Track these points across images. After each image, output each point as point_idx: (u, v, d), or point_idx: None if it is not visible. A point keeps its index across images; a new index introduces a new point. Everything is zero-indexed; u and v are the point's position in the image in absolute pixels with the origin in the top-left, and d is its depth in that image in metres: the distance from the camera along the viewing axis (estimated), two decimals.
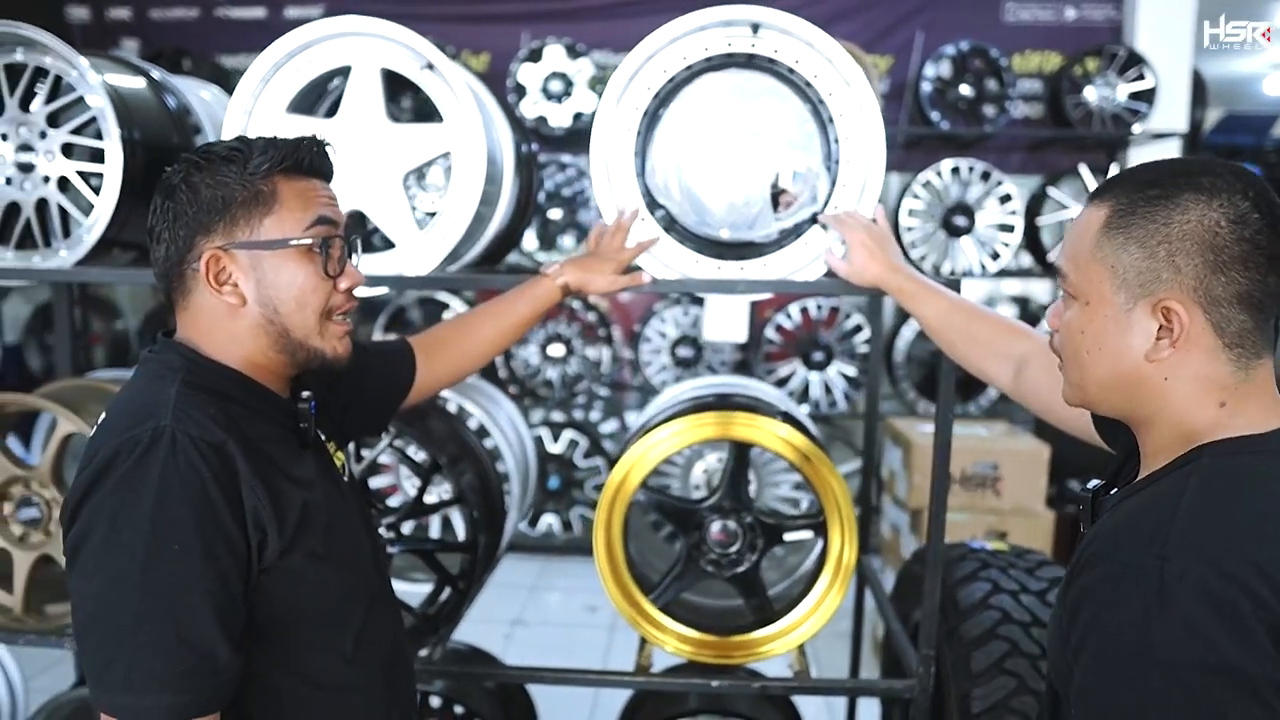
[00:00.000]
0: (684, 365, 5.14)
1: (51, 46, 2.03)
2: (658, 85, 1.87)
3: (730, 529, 1.99)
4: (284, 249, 1.24)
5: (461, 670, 2.10)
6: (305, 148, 1.27)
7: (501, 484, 2.16)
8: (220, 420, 1.18)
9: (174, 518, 1.09)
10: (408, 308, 5.10)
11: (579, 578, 5.11)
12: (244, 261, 1.23)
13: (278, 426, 1.28)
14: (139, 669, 1.07)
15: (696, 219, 1.87)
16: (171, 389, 1.18)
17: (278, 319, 1.26)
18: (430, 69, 1.90)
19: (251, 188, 1.23)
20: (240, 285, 1.24)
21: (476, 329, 1.80)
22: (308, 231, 1.26)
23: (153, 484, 1.09)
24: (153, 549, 1.08)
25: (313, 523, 1.23)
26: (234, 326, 1.26)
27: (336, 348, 1.32)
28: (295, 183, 1.27)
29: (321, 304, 1.28)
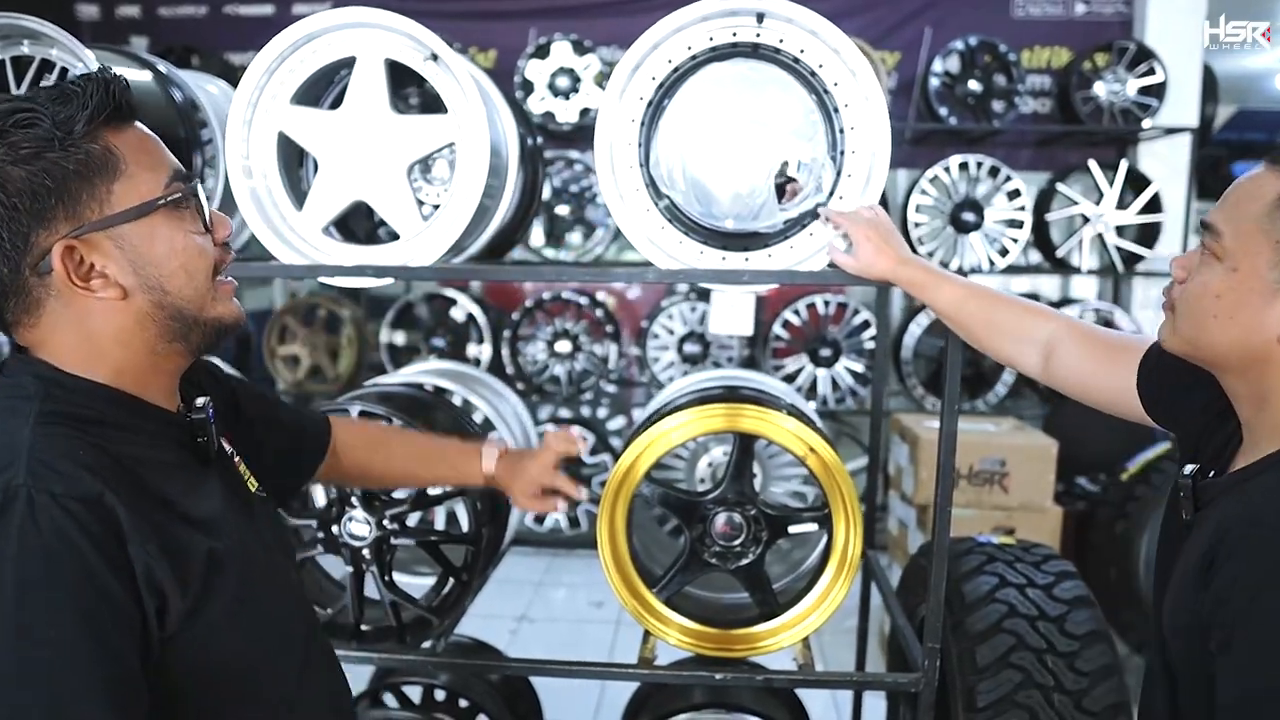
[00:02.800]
0: (691, 362, 5.13)
1: (57, 39, 2.03)
2: (662, 75, 1.86)
3: (734, 521, 1.98)
4: (153, 213, 1.03)
5: (464, 662, 2.09)
6: (116, 88, 1.02)
7: None
8: (92, 463, 0.95)
9: (44, 602, 0.87)
10: (415, 304, 5.10)
11: (585, 573, 5.11)
12: (105, 244, 1.01)
13: (170, 448, 1.07)
14: None
15: (701, 209, 1.86)
16: (25, 429, 0.95)
17: (168, 299, 1.05)
18: (434, 60, 1.90)
19: (80, 153, 0.99)
20: (112, 274, 1.02)
21: (398, 456, 1.70)
22: (168, 188, 1.05)
23: (9, 563, 0.86)
24: (22, 646, 0.85)
25: (223, 570, 1.02)
26: (110, 328, 1.03)
27: (232, 309, 1.13)
28: (125, 134, 1.04)
29: (210, 264, 1.09)
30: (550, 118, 5.00)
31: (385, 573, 1.94)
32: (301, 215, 1.95)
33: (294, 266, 1.90)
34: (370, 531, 1.91)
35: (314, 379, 5.13)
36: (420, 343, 5.05)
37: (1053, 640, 1.99)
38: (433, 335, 5.02)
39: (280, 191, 1.96)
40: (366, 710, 2.47)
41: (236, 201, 1.95)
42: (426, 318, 5.09)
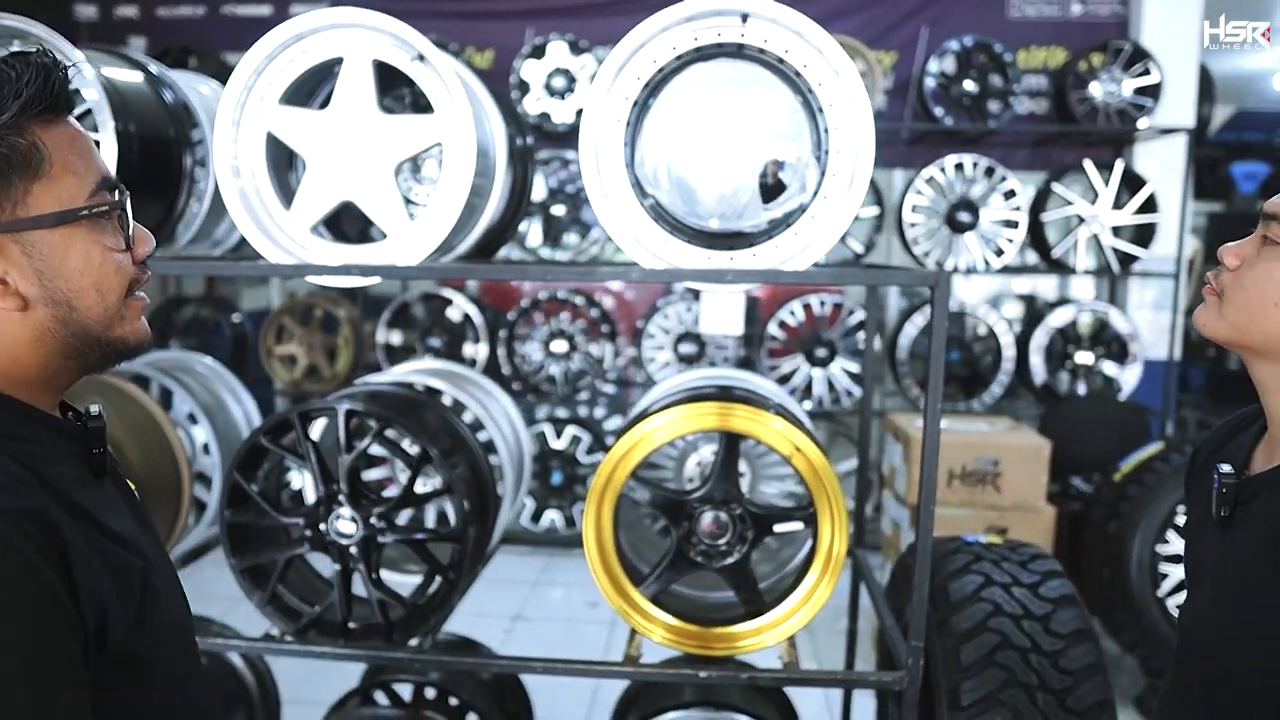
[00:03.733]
0: (687, 361, 5.14)
1: (46, 39, 2.04)
2: (647, 75, 1.87)
3: (720, 520, 1.99)
4: (73, 223, 0.93)
5: (448, 659, 2.10)
6: (55, 79, 0.92)
7: (494, 476, 2.17)
8: (25, 476, 0.88)
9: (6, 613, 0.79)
10: (411, 304, 5.11)
11: (581, 573, 5.06)
12: (12, 250, 0.91)
13: (70, 460, 0.97)
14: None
15: (686, 209, 1.87)
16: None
17: (74, 316, 0.95)
18: (421, 60, 1.91)
19: (2, 146, 0.89)
20: (13, 283, 0.92)
21: None
22: (94, 197, 0.95)
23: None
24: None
25: (152, 586, 0.95)
26: (5, 338, 0.93)
27: (138, 330, 1.02)
28: (56, 131, 0.93)
29: (124, 283, 0.98)
30: (546, 118, 5.01)
31: (373, 570, 1.94)
32: (290, 215, 1.96)
33: (282, 266, 1.91)
34: (358, 529, 1.92)
35: (311, 378, 5.14)
36: (416, 342, 5.06)
37: (1037, 639, 1.99)
38: (429, 335, 5.03)
39: (269, 191, 1.97)
40: (357, 708, 2.48)
41: (225, 200, 1.96)
42: (423, 318, 5.10)
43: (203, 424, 2.43)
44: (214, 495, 2.48)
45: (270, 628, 2.06)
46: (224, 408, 2.55)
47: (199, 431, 2.47)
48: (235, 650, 2.06)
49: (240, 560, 2.00)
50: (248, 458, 1.97)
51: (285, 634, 2.03)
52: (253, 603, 2.02)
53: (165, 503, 2.26)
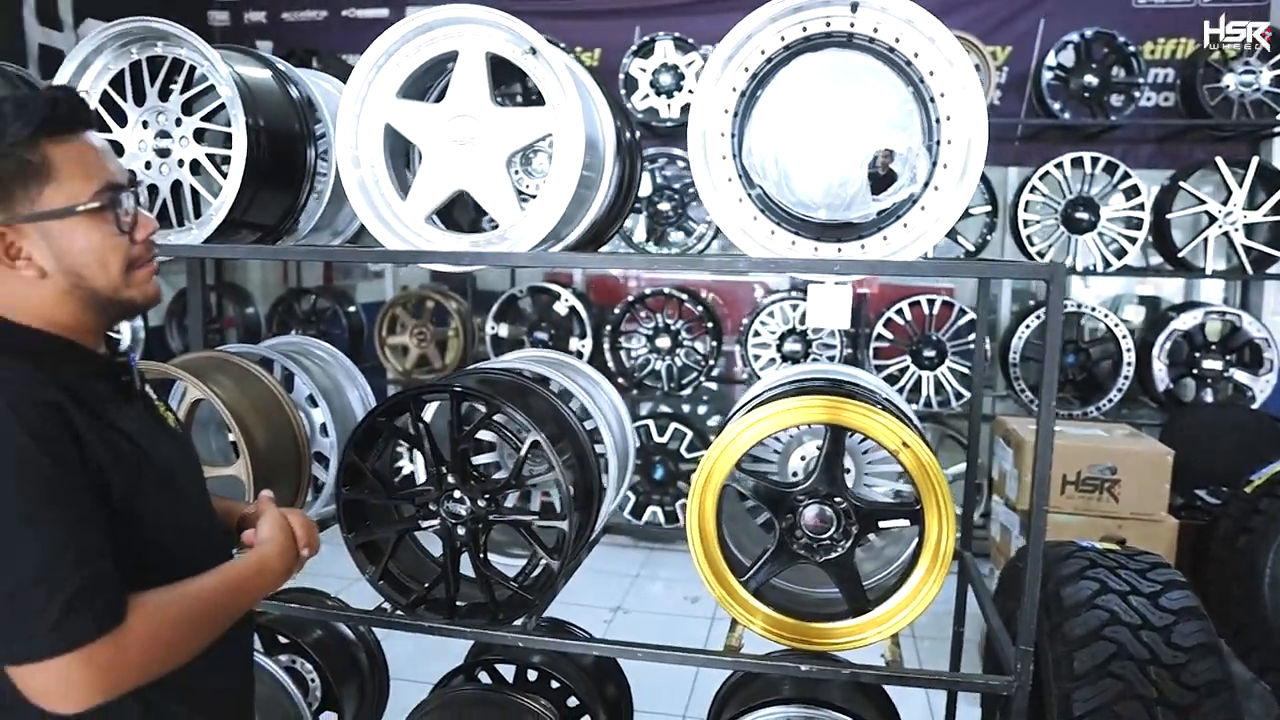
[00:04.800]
0: (792, 360, 5.09)
1: (186, 39, 2.16)
2: (755, 65, 1.87)
3: (825, 514, 1.97)
4: (72, 216, 1.23)
5: (555, 640, 2.12)
6: (61, 103, 1.23)
7: (599, 464, 2.20)
8: (44, 380, 1.18)
9: (35, 469, 1.10)
10: (519, 298, 5.21)
11: (682, 569, 5.12)
12: (32, 234, 1.22)
13: (99, 381, 1.29)
14: (56, 601, 1.07)
15: (793, 200, 1.86)
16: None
17: (83, 283, 1.26)
18: (533, 54, 1.95)
19: (17, 159, 1.19)
20: (35, 258, 1.23)
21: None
22: (94, 197, 1.24)
23: (7, 448, 1.10)
24: (25, 507, 1.09)
25: (148, 470, 1.25)
26: (37, 295, 1.25)
27: (147, 292, 1.33)
28: (65, 146, 1.23)
29: (122, 261, 1.28)
30: (653, 114, 5.03)
31: (481, 551, 2.00)
32: (406, 204, 2.03)
33: (399, 252, 1.98)
34: (467, 510, 1.98)
35: (421, 369, 5.29)
36: (523, 336, 5.15)
37: (1157, 650, 1.91)
38: (536, 329, 5.12)
39: (386, 181, 2.04)
40: (461, 685, 2.54)
41: (345, 190, 2.04)
42: (530, 311, 5.19)
43: (321, 406, 2.53)
44: (330, 474, 2.58)
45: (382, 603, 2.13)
46: (341, 391, 2.65)
47: (318, 413, 2.57)
48: (349, 622, 2.13)
49: (355, 536, 2.08)
50: (364, 437, 2.05)
51: (396, 609, 2.10)
52: (365, 577, 2.09)
53: (285, 479, 2.36)
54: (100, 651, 1.10)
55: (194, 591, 1.23)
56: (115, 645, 1.11)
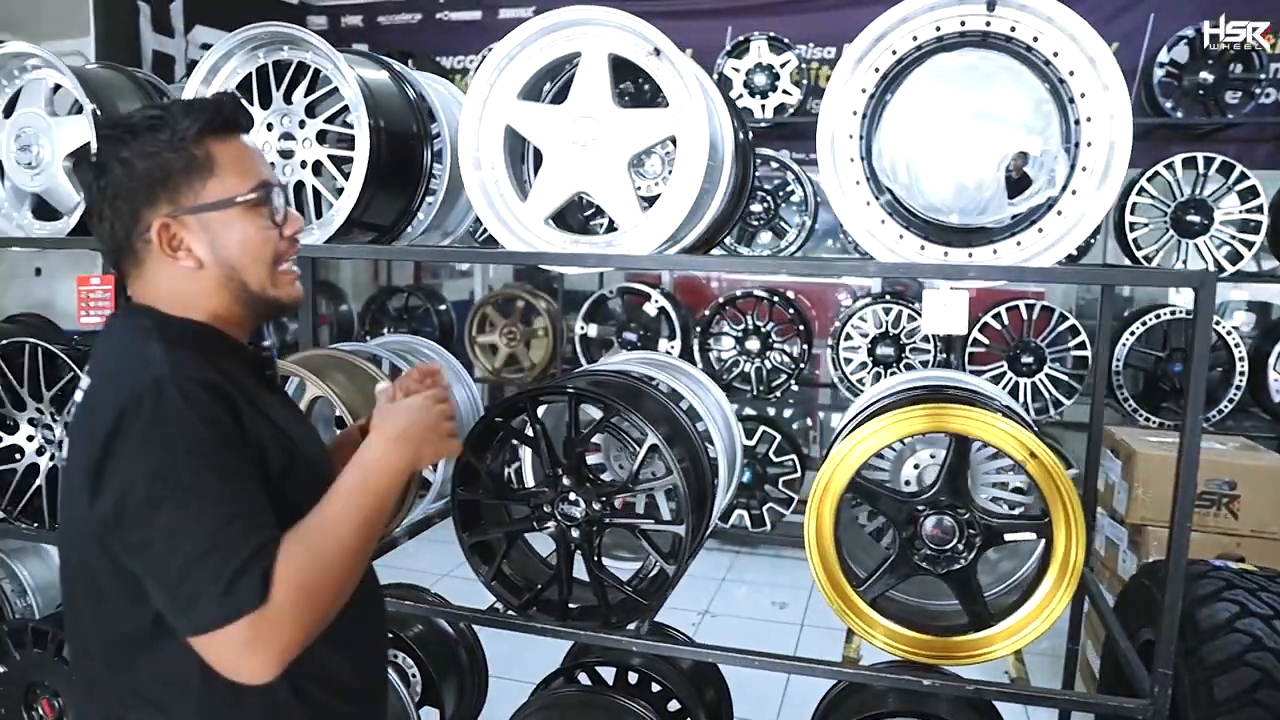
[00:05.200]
0: (883, 364, 5.00)
1: (312, 43, 2.21)
2: (886, 66, 1.83)
3: (947, 525, 1.92)
4: (231, 207, 1.30)
5: (673, 648, 2.09)
6: (226, 105, 1.32)
7: (712, 467, 2.18)
8: (207, 365, 1.24)
9: (203, 449, 1.15)
10: (609, 298, 5.22)
11: (767, 572, 5.09)
12: (193, 225, 1.29)
13: (248, 372, 1.36)
14: (225, 572, 1.10)
15: (923, 203, 1.81)
16: (155, 345, 1.24)
17: (235, 274, 1.32)
18: (656, 54, 1.94)
19: (185, 154, 1.27)
20: (194, 249, 1.29)
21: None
22: (250, 192, 1.31)
23: (174, 426, 1.15)
24: (196, 477, 1.14)
25: (298, 457, 1.31)
26: (194, 288, 1.31)
27: (291, 293, 1.39)
28: (226, 144, 1.31)
29: (272, 253, 1.34)
30: (748, 115, 4.99)
31: (595, 554, 1.99)
32: (525, 205, 2.03)
33: (521, 254, 1.99)
34: (583, 512, 1.97)
35: (510, 368, 5.34)
36: (612, 336, 5.16)
37: None
38: (624, 329, 5.12)
39: (506, 183, 2.06)
40: (561, 687, 2.55)
41: (467, 191, 2.05)
42: (619, 312, 5.19)
43: None
44: (438, 473, 2.61)
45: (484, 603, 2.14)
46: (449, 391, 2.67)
47: None
48: (461, 621, 2.15)
49: (469, 536, 2.09)
50: (479, 438, 2.07)
51: (509, 609, 2.11)
52: (479, 577, 2.11)
53: None
54: (264, 615, 1.12)
55: (312, 519, 1.22)
56: (273, 606, 1.12)
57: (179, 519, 1.13)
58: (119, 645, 1.25)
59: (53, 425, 2.63)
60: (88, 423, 1.21)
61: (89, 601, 1.26)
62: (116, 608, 1.23)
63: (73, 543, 1.28)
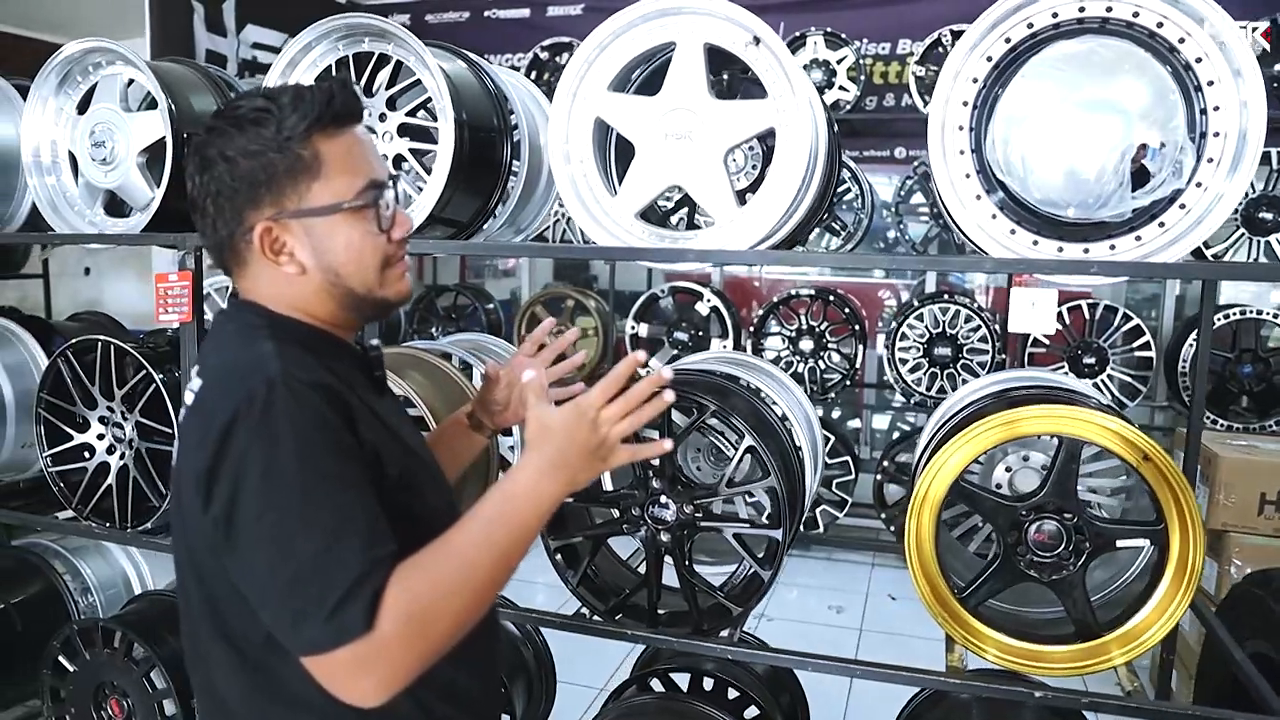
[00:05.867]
0: (940, 365, 4.90)
1: (395, 34, 2.17)
2: (999, 55, 1.76)
3: (1055, 530, 1.85)
4: (337, 213, 1.22)
5: (780, 657, 2.02)
6: (337, 99, 1.22)
7: (803, 468, 2.12)
8: (319, 366, 1.19)
9: (316, 456, 1.10)
10: (659, 297, 5.16)
11: (821, 575, 5.02)
12: (297, 230, 1.22)
13: (356, 374, 1.30)
14: (332, 593, 1.04)
15: (1038, 197, 1.75)
16: (265, 344, 1.18)
17: (340, 281, 1.25)
18: (756, 43, 1.88)
19: (291, 154, 1.19)
20: (297, 254, 1.23)
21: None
22: (358, 195, 1.23)
23: (287, 429, 1.09)
24: (308, 486, 1.08)
25: (409, 463, 1.25)
26: (297, 290, 1.25)
27: (399, 290, 1.32)
28: (335, 142, 1.22)
29: (379, 259, 1.27)
30: None
31: (687, 559, 1.94)
32: (616, 200, 1.98)
33: (614, 249, 1.94)
34: (674, 516, 1.92)
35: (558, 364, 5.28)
36: (663, 335, 5.10)
37: None
38: (675, 328, 5.07)
39: (596, 177, 2.01)
40: (635, 695, 2.50)
41: (557, 186, 2.01)
42: (670, 310, 5.13)
43: None
44: None
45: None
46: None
47: None
48: (546, 625, 2.10)
49: (554, 539, 2.05)
50: None
51: (594, 615, 2.06)
52: (565, 582, 2.06)
53: (475, 477, 2.35)
54: (366, 645, 1.05)
55: (439, 548, 1.13)
56: (382, 632, 1.05)
57: (287, 530, 1.07)
58: (239, 657, 1.20)
59: (123, 424, 2.61)
60: (199, 427, 1.15)
61: (205, 610, 1.22)
62: (233, 620, 1.19)
63: (188, 551, 1.23)
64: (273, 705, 1.19)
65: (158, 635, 2.65)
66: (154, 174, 2.46)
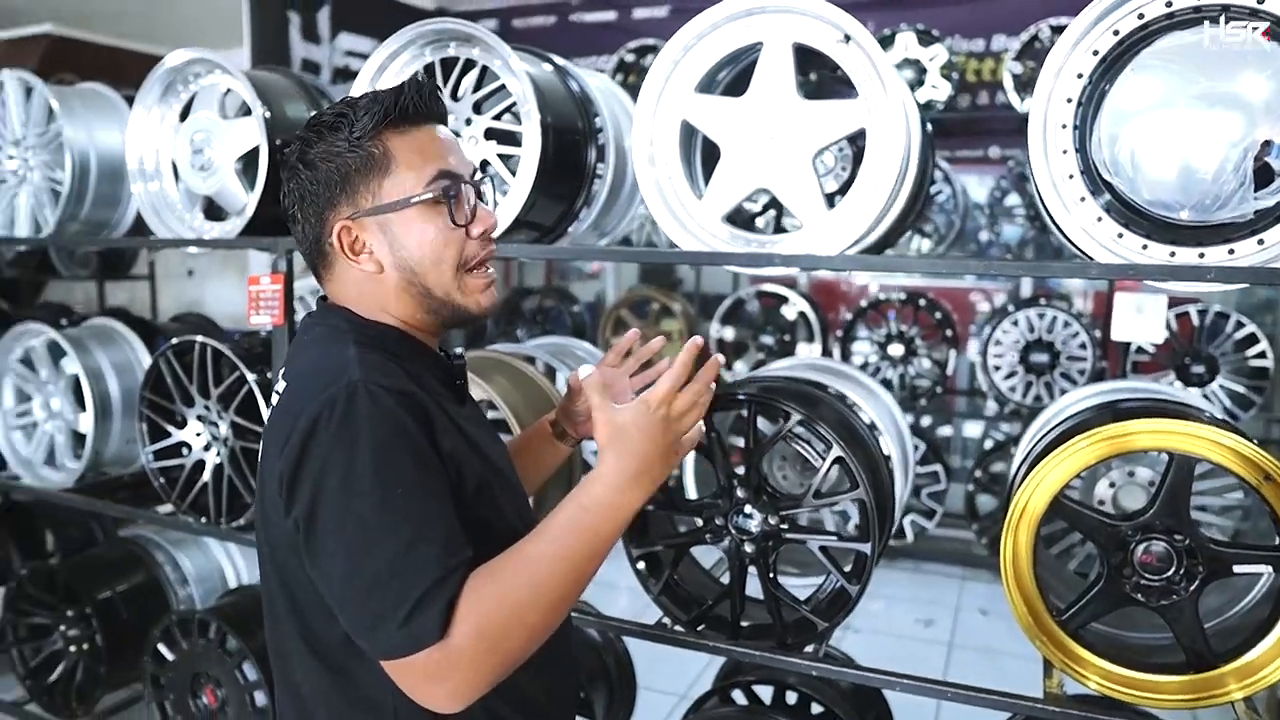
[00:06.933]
0: (1036, 372, 4.74)
1: (481, 38, 2.18)
2: (1106, 48, 1.67)
3: (1164, 552, 1.74)
4: (407, 208, 1.22)
5: (877, 675, 1.93)
6: (406, 96, 1.23)
7: (893, 479, 2.05)
8: (402, 373, 1.19)
9: (394, 462, 1.09)
10: (745, 300, 5.11)
11: (908, 587, 4.89)
12: (373, 228, 1.23)
13: (439, 382, 1.29)
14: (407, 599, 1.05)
15: (1149, 198, 1.65)
16: (349, 348, 1.19)
17: (416, 279, 1.25)
18: (846, 41, 1.82)
19: (363, 152, 1.21)
20: (375, 252, 1.24)
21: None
22: (428, 186, 1.23)
23: (367, 436, 1.09)
24: (386, 493, 1.08)
25: (487, 475, 1.24)
26: (379, 291, 1.26)
27: (480, 301, 1.30)
28: (406, 138, 1.24)
29: (457, 256, 1.26)
30: None
31: (771, 570, 1.89)
32: (701, 203, 1.95)
33: (698, 254, 1.90)
34: (760, 526, 1.87)
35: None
36: (748, 340, 5.05)
37: None
38: (761, 333, 5.01)
39: (681, 180, 1.97)
40: (716, 707, 2.45)
41: (641, 190, 1.98)
42: (756, 314, 5.08)
43: None
44: None
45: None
46: None
47: None
48: (627, 634, 2.07)
49: (636, 547, 2.02)
50: None
51: (676, 624, 2.02)
52: (648, 591, 2.03)
53: (557, 481, 2.34)
54: (439, 654, 1.06)
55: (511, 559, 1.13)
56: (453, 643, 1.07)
57: (364, 537, 1.08)
58: (317, 657, 1.21)
59: (218, 422, 2.68)
60: (281, 430, 1.17)
61: (287, 608, 1.23)
62: (313, 620, 1.20)
63: (271, 548, 1.24)
64: (348, 706, 1.20)
65: (249, 629, 2.72)
66: (249, 180, 2.52)
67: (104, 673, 3.19)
